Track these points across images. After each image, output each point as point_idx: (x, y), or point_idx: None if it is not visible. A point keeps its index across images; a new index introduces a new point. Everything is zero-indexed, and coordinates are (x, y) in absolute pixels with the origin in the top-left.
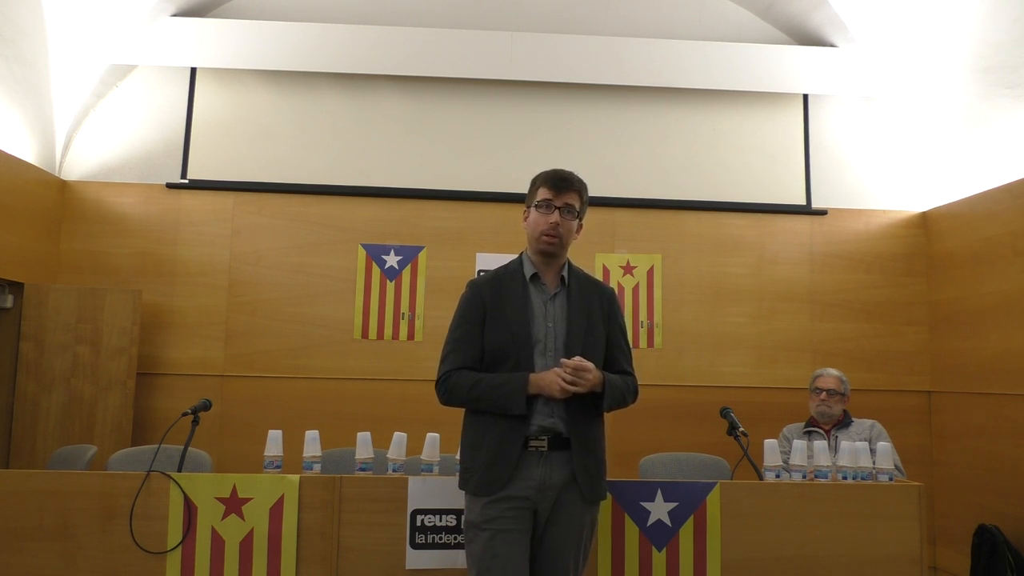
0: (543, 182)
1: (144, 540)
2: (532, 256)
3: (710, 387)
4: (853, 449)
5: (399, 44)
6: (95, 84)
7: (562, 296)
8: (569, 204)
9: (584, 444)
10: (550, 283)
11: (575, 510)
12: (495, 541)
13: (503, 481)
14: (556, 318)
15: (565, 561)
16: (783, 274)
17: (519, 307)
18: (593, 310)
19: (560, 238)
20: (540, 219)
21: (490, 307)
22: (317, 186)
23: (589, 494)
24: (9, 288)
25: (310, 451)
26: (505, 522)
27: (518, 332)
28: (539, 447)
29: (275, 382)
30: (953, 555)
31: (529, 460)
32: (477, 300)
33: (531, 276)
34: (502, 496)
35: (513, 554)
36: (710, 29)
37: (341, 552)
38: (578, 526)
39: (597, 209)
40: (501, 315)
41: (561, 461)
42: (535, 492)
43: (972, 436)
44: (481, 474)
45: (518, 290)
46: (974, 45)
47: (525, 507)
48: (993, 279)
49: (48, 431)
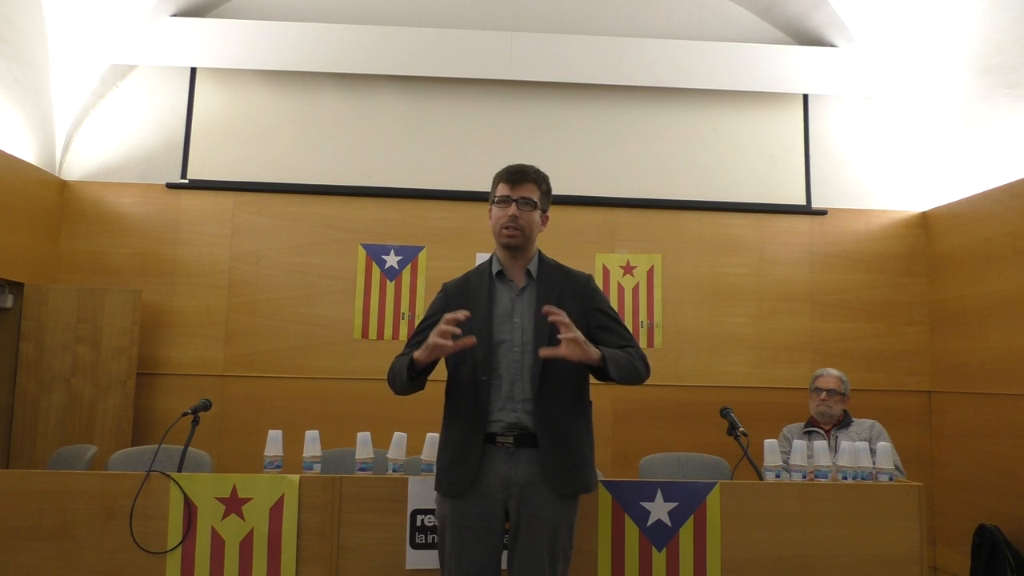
0: (500, 178)
1: (144, 540)
2: (499, 253)
3: (710, 387)
4: (853, 449)
5: (399, 44)
6: (95, 84)
7: (530, 289)
8: (526, 197)
9: (555, 437)
10: (517, 278)
11: (547, 510)
12: (462, 539)
13: (468, 481)
14: (524, 313)
15: (540, 563)
16: (783, 274)
17: (481, 305)
18: (564, 298)
19: (521, 231)
20: (500, 214)
21: (453, 307)
22: (317, 186)
23: (562, 487)
24: (9, 288)
25: (310, 451)
26: (472, 520)
27: (479, 329)
28: (505, 443)
29: (275, 382)
30: (953, 555)
31: (495, 457)
32: (441, 301)
33: (496, 273)
34: (469, 494)
35: (480, 552)
36: (710, 29)
37: (341, 552)
38: (550, 526)
39: (597, 209)
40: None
41: (529, 458)
42: (501, 489)
43: (972, 436)
44: (447, 475)
45: (484, 288)
46: (974, 45)
47: (492, 504)
48: (993, 279)
49: (48, 431)
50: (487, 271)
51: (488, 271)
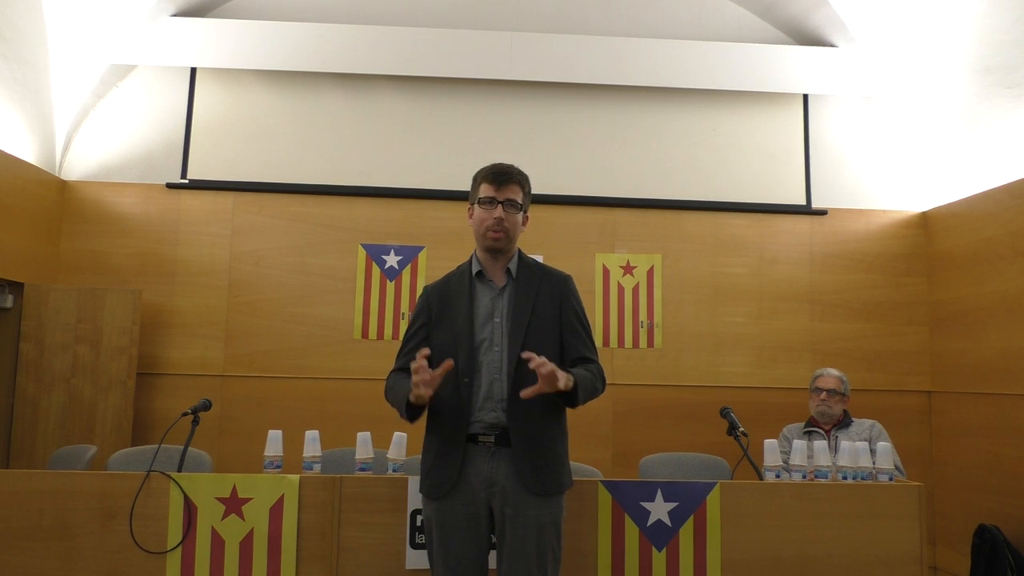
0: (484, 178)
1: (144, 540)
2: (479, 254)
3: (710, 387)
4: (853, 449)
5: (399, 44)
6: (95, 84)
7: (509, 289)
8: (511, 199)
9: (528, 438)
10: (497, 279)
11: (530, 509)
12: (448, 539)
13: (452, 482)
14: (503, 313)
15: (527, 563)
16: (783, 274)
17: (462, 307)
18: (541, 298)
19: (506, 232)
20: (484, 215)
21: (436, 310)
22: (317, 186)
23: (535, 487)
24: (9, 288)
25: (310, 451)
26: (457, 519)
27: (460, 331)
28: (487, 442)
29: (275, 382)
30: (953, 555)
31: (478, 456)
32: (423, 305)
33: (476, 273)
34: (452, 494)
35: (466, 551)
36: (710, 29)
37: (341, 552)
38: (535, 525)
39: (597, 209)
40: (446, 317)
41: (508, 457)
42: (483, 488)
43: (972, 436)
44: (429, 477)
45: (465, 288)
46: (974, 45)
47: (476, 503)
48: (993, 279)
49: (48, 431)
50: (467, 272)
51: (468, 272)
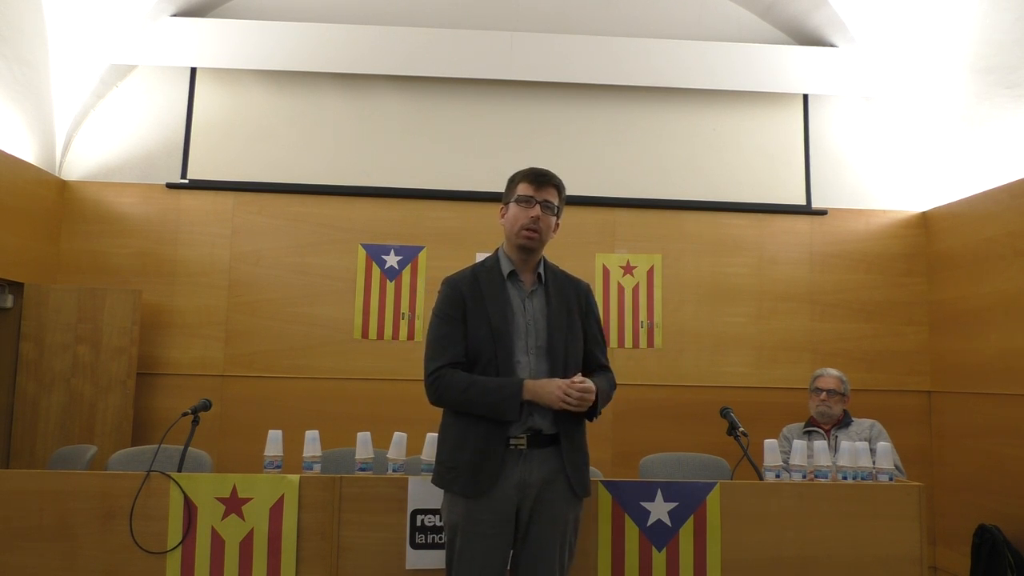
0: (523, 178)
1: (144, 540)
2: (510, 253)
3: (710, 387)
4: (853, 449)
5: (399, 44)
6: (95, 84)
7: (540, 293)
8: (548, 200)
9: (572, 441)
10: (527, 280)
11: (558, 507)
12: (474, 544)
13: (493, 480)
14: (535, 315)
15: (551, 558)
16: (783, 274)
17: (499, 304)
18: (572, 306)
19: (540, 233)
20: (520, 214)
21: (470, 304)
22: (317, 186)
23: (580, 489)
24: (9, 288)
25: (310, 451)
26: (487, 526)
27: (499, 328)
28: (519, 445)
29: (275, 382)
30: (953, 555)
31: (509, 459)
32: (456, 296)
33: (508, 273)
34: (486, 497)
35: (492, 559)
36: (710, 29)
37: (341, 552)
38: (562, 523)
39: (597, 209)
40: (481, 312)
41: (541, 458)
42: (516, 491)
43: (972, 436)
44: (468, 475)
45: (497, 287)
46: (974, 45)
47: (507, 508)
48: (993, 279)
49: (48, 431)
50: (497, 270)
51: (498, 269)
